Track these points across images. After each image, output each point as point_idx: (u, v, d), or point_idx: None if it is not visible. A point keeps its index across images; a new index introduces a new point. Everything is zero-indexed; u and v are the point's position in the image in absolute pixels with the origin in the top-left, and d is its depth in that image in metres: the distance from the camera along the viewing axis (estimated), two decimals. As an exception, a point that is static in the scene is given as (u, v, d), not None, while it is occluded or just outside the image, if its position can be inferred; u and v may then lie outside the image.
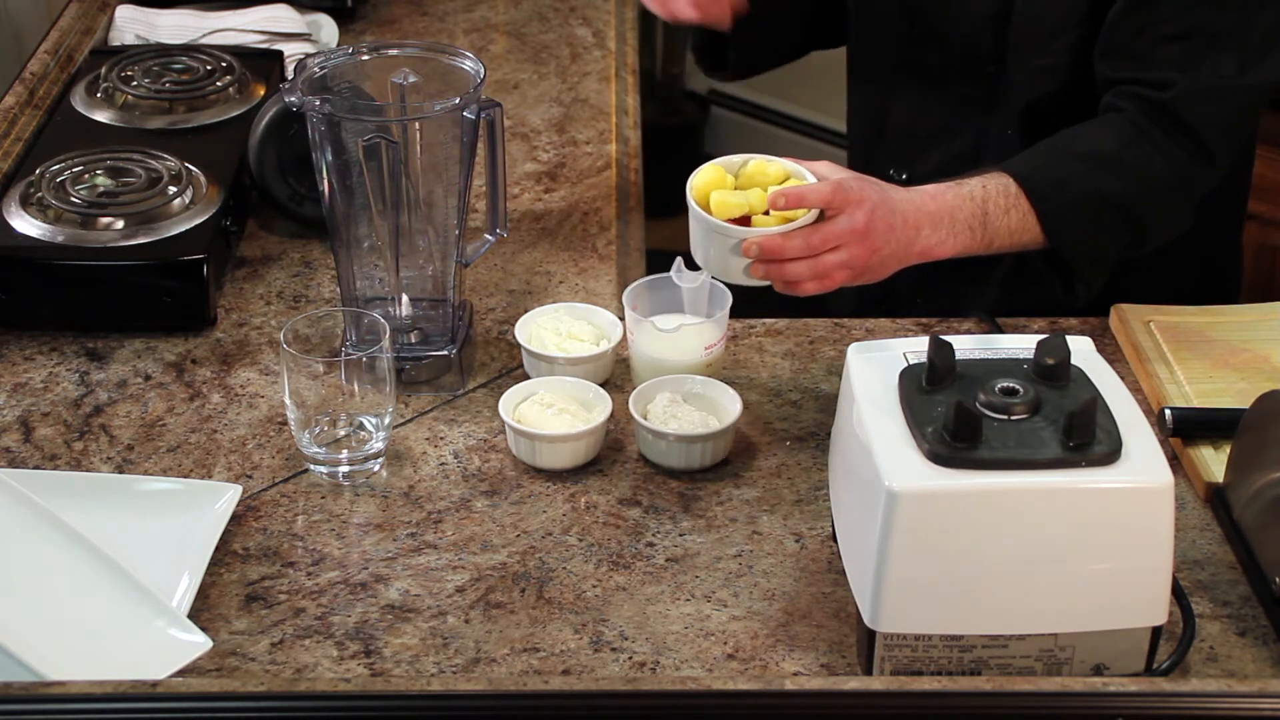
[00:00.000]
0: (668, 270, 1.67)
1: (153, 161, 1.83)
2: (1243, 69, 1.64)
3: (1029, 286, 1.79)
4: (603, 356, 1.65)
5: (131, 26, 2.26)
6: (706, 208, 1.51)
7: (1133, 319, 1.71)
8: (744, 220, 1.51)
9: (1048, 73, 1.73)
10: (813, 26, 1.97)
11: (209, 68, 2.03)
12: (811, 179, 1.54)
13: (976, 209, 1.60)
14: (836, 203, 1.52)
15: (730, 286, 1.62)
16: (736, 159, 1.56)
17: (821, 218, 1.52)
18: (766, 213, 1.51)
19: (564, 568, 1.44)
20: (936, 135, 1.83)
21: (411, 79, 1.59)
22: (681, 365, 1.61)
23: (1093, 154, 1.64)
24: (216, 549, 1.43)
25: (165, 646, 1.32)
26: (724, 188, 1.53)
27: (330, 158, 1.58)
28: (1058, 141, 1.67)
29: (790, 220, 1.50)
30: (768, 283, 1.53)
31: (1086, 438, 1.24)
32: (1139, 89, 1.64)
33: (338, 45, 2.25)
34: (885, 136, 1.88)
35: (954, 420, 1.23)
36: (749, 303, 1.71)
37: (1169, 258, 1.77)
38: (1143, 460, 1.24)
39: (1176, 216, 1.69)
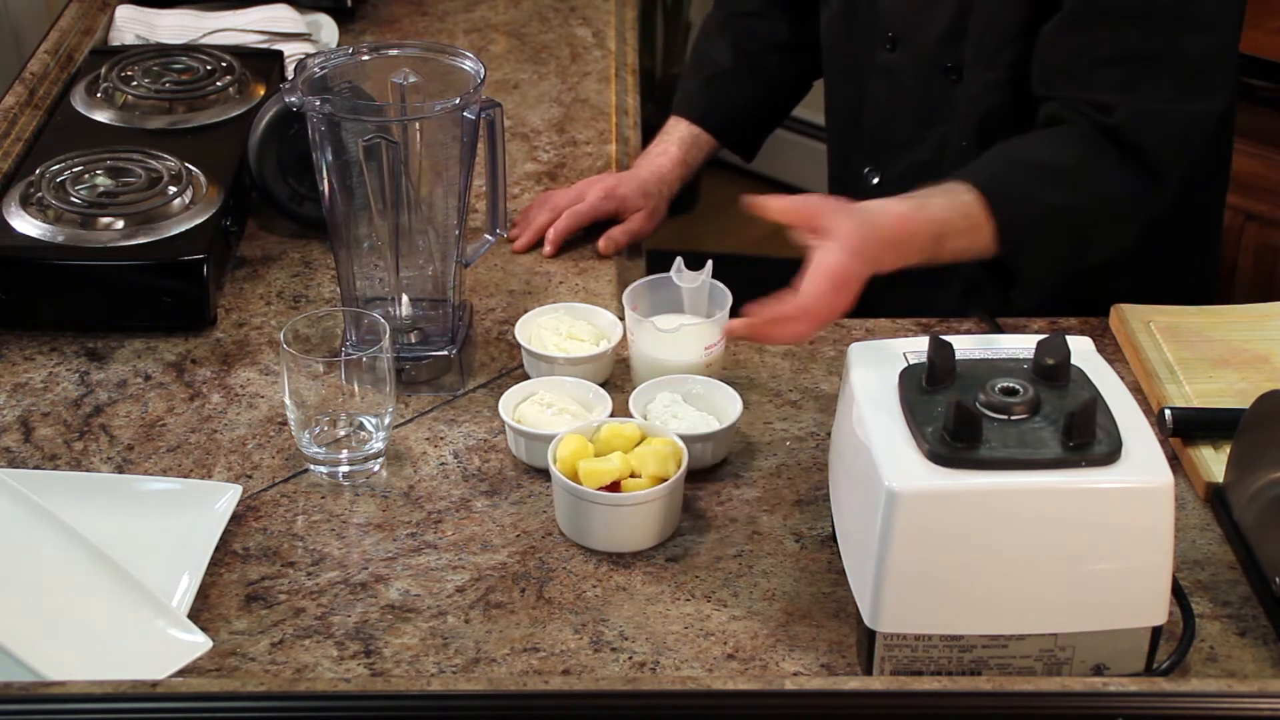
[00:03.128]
0: (668, 270, 1.67)
1: (153, 161, 1.83)
2: (1180, 94, 1.63)
3: (989, 290, 1.79)
4: (603, 356, 1.65)
5: (131, 26, 2.26)
6: (574, 478, 1.45)
7: (1133, 319, 1.71)
8: (614, 486, 1.45)
9: (996, 86, 1.74)
10: (806, 69, 2.02)
11: (209, 68, 2.03)
12: (671, 436, 1.48)
13: (934, 236, 1.56)
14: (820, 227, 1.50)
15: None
16: (593, 423, 1.51)
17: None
18: (634, 475, 1.46)
19: (564, 568, 1.44)
20: (904, 141, 1.84)
21: (411, 79, 1.59)
22: (681, 365, 1.61)
23: (1053, 167, 1.63)
24: (216, 549, 1.43)
25: (165, 646, 1.32)
26: (586, 455, 1.47)
27: (330, 158, 1.58)
28: (1020, 153, 1.65)
29: (662, 479, 1.44)
30: (650, 544, 1.47)
31: (1086, 438, 1.24)
32: (1085, 109, 1.64)
33: (338, 45, 2.25)
34: (860, 138, 1.89)
35: (954, 420, 1.23)
36: (749, 303, 1.71)
37: (1146, 258, 1.77)
38: (1143, 460, 1.24)
39: (1120, 236, 1.68)
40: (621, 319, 1.67)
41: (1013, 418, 1.26)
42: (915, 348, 1.34)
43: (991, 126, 1.74)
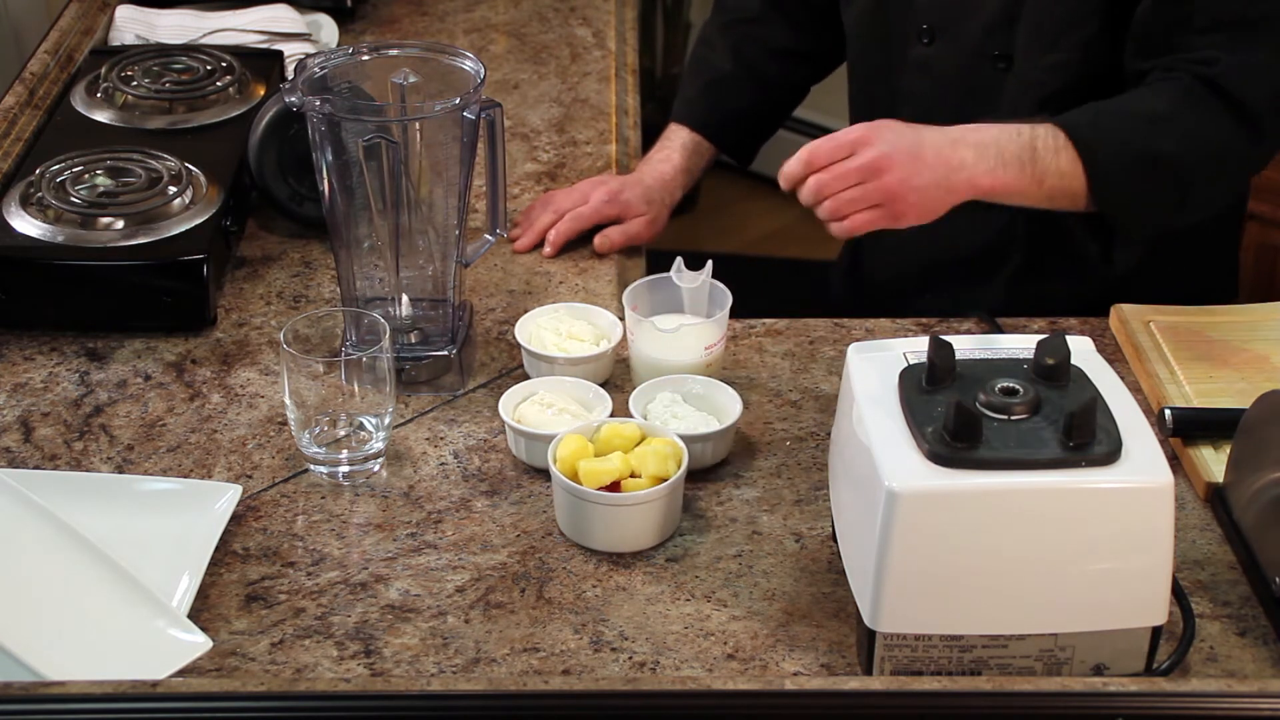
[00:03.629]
0: (668, 270, 1.67)
1: (153, 161, 1.83)
2: None
3: (1035, 284, 1.79)
4: (603, 356, 1.65)
5: (131, 26, 2.26)
6: (574, 478, 1.45)
7: (1133, 319, 1.71)
8: (614, 486, 1.45)
9: (1058, 69, 1.72)
10: (805, 75, 2.03)
11: (209, 68, 2.03)
12: (671, 436, 1.49)
13: (1025, 144, 1.58)
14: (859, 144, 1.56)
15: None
16: (593, 423, 1.52)
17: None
18: (634, 475, 1.46)
19: (564, 568, 1.44)
20: None
21: (411, 79, 1.59)
22: (681, 365, 1.61)
23: (1145, 113, 1.63)
24: (216, 549, 1.43)
25: (165, 646, 1.32)
26: (586, 455, 1.47)
27: (330, 158, 1.58)
28: (1107, 103, 1.66)
29: (662, 479, 1.44)
30: (650, 544, 1.46)
31: (1086, 438, 1.24)
32: (1185, 64, 1.64)
33: (338, 45, 2.25)
34: None
35: (954, 420, 1.23)
36: (749, 303, 1.71)
37: (1168, 257, 1.77)
38: (1143, 460, 1.24)
39: (1220, 187, 1.68)
40: (621, 319, 1.67)
41: (1013, 418, 1.26)
42: (915, 348, 1.34)
43: (1052, 109, 1.72)
